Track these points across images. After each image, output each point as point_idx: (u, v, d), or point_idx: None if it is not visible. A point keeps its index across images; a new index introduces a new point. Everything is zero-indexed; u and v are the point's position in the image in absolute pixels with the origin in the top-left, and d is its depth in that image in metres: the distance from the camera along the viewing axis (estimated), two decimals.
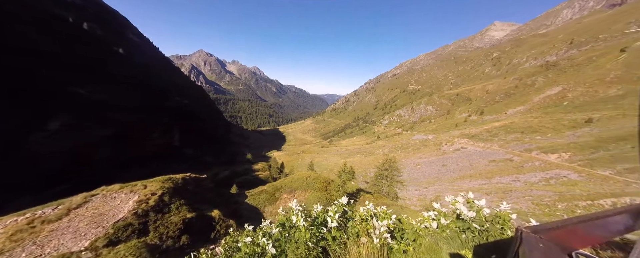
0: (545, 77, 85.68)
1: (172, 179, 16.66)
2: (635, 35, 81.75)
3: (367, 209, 2.63)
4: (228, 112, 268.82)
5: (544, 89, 76.75)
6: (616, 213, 1.16)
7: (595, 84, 63.30)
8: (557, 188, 28.20)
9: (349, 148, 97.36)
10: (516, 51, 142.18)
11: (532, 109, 69.13)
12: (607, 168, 29.90)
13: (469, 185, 35.83)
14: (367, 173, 51.70)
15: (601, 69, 68.47)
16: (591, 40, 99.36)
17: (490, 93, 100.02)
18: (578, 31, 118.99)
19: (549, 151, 40.00)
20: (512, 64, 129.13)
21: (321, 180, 25.85)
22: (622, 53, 71.28)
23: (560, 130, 47.82)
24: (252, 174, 47.85)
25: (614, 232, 1.20)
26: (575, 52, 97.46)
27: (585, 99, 59.87)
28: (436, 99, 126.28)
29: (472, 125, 72.52)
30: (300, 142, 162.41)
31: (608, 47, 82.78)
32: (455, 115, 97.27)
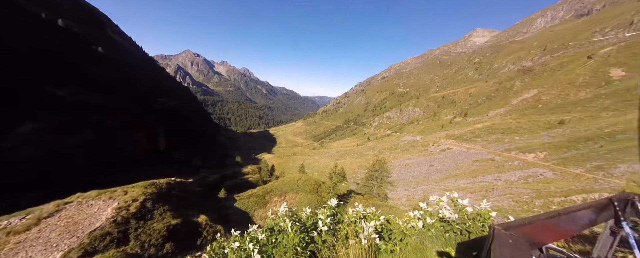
0: (522, 81, 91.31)
1: (156, 184, 15.90)
2: (600, 44, 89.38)
3: (356, 211, 2.65)
4: (216, 113, 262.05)
5: (521, 92, 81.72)
6: (581, 209, 1.29)
7: (566, 88, 68.33)
8: (534, 185, 29.97)
9: (340, 150, 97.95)
10: (496, 56, 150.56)
11: (511, 111, 73.31)
12: (578, 166, 32.22)
13: (454, 184, 37.17)
14: (358, 174, 52.21)
15: (571, 74, 74.08)
16: (562, 47, 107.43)
17: (473, 96, 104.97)
18: (550, 39, 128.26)
19: (526, 151, 42.49)
20: (493, 68, 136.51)
21: (312, 182, 25.76)
22: (589, 59, 77.62)
23: (536, 131, 51.00)
24: (241, 177, 46.76)
25: (580, 226, 1.34)
26: (548, 57, 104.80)
27: (558, 101, 64.42)
28: (423, 101, 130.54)
29: (457, 127, 75.59)
30: (291, 144, 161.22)
31: (577, 54, 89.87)
32: (441, 117, 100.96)
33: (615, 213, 1.39)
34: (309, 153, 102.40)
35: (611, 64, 67.76)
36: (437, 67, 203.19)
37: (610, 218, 1.40)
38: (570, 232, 1.35)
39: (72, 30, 60.84)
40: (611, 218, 1.39)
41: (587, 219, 1.35)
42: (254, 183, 41.39)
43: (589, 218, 1.34)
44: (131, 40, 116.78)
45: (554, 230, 1.21)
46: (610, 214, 1.39)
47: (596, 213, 1.30)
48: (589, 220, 1.33)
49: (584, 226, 1.31)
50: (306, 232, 2.73)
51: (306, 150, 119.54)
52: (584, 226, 1.35)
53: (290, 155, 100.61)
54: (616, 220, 1.40)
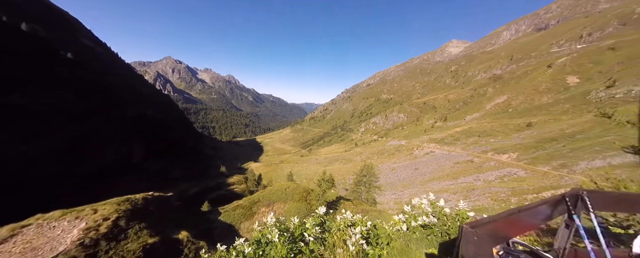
0: (493, 87, 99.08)
1: (130, 200, 14.72)
2: (557, 54, 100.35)
3: (343, 218, 2.69)
4: (199, 122, 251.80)
5: (493, 98, 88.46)
6: (538, 205, 1.47)
7: (531, 94, 75.21)
8: (509, 184, 32.01)
9: (328, 156, 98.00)
10: (470, 65, 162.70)
11: (485, 115, 78.80)
12: (545, 164, 35.08)
13: (438, 186, 38.57)
14: (347, 180, 52.36)
15: (535, 81, 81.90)
16: (526, 57, 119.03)
17: (451, 101, 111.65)
18: (515, 49, 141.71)
19: (500, 152, 45.57)
20: (467, 76, 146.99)
21: (301, 190, 25.37)
22: (549, 68, 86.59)
23: (508, 133, 55.08)
24: (226, 188, 44.76)
25: (539, 221, 1.52)
26: (514, 66, 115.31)
27: (525, 106, 70.54)
28: (407, 107, 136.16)
29: (438, 131, 79.42)
30: (278, 151, 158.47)
31: (538, 63, 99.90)
32: (423, 121, 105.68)
33: (568, 208, 1.56)
34: (297, 161, 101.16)
35: (567, 72, 76.09)
36: (418, 74, 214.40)
37: (564, 213, 1.61)
38: (530, 227, 1.43)
39: (37, 34, 56.30)
40: (565, 212, 1.61)
41: (544, 214, 1.47)
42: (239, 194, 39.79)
43: (546, 213, 1.48)
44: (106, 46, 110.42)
45: (516, 225, 1.32)
46: (564, 209, 1.59)
47: (552, 208, 1.51)
48: (546, 215, 1.49)
49: (543, 220, 1.50)
50: (294, 243, 2.70)
51: (294, 157, 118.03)
52: (542, 220, 1.50)
53: (278, 163, 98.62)
54: (569, 214, 1.58)
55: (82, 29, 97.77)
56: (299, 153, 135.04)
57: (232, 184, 47.90)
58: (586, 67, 73.49)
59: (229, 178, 52.61)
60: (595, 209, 1.71)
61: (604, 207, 1.97)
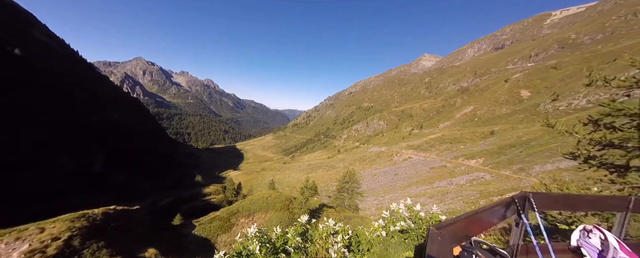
0: (462, 98, 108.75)
1: (87, 216, 12.99)
2: (512, 71, 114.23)
3: (326, 227, 2.72)
4: (173, 128, 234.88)
5: (461, 108, 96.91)
6: (494, 207, 1.69)
7: (493, 105, 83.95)
8: (478, 187, 34.74)
9: (311, 163, 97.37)
10: (441, 78, 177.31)
11: (455, 123, 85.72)
12: (507, 168, 38.90)
13: (416, 190, 40.38)
14: (330, 187, 52.29)
15: (495, 94, 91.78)
16: (487, 72, 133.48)
17: (426, 110, 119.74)
18: (478, 65, 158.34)
19: (469, 157, 49.57)
20: (439, 87, 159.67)
21: (283, 198, 24.70)
22: (506, 82, 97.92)
23: (475, 140, 60.33)
24: (202, 199, 41.76)
25: (495, 220, 1.75)
26: (478, 80, 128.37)
27: (488, 115, 78.34)
28: (386, 115, 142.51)
29: (415, 138, 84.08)
30: (260, 159, 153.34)
31: (497, 78, 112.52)
32: (402, 129, 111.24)
33: (517, 208, 1.81)
34: (280, 168, 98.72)
35: (521, 87, 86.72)
36: (396, 84, 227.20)
37: (515, 213, 1.87)
38: (488, 225, 1.63)
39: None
40: (515, 212, 1.86)
41: (499, 214, 1.70)
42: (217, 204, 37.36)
43: (500, 214, 1.71)
44: (63, 44, 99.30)
45: (475, 225, 1.49)
46: (515, 209, 1.85)
47: (505, 209, 1.75)
48: (501, 215, 1.72)
49: (498, 220, 1.73)
50: (276, 254, 2.65)
51: (276, 164, 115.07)
52: (498, 220, 1.72)
53: (259, 171, 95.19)
54: (518, 214, 1.83)
55: (34, 22, 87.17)
56: (282, 160, 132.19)
57: (209, 194, 44.87)
58: (535, 82, 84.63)
59: (205, 188, 49.21)
60: (539, 208, 2.00)
61: (547, 206, 2.31)
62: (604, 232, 2.17)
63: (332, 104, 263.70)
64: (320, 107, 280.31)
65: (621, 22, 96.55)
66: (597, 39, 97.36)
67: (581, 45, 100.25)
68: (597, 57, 74.00)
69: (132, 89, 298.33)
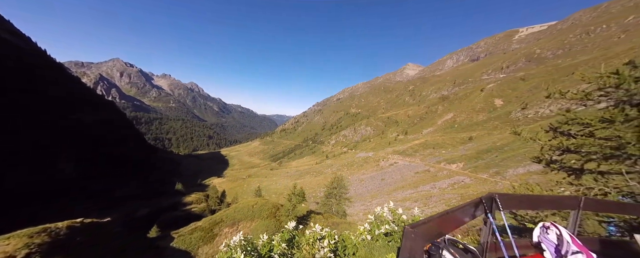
0: (443, 106, 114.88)
1: (49, 230, 11.72)
2: (487, 81, 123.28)
3: (313, 232, 2.77)
4: (152, 133, 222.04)
5: (443, 115, 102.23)
6: (464, 207, 1.87)
7: (471, 112, 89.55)
8: (459, 190, 36.41)
9: (299, 169, 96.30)
10: (424, 86, 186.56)
11: (438, 129, 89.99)
12: (484, 172, 41.29)
13: (402, 195, 41.33)
14: (318, 193, 51.86)
15: (472, 102, 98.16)
16: (465, 82, 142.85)
17: (411, 117, 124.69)
18: (457, 75, 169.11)
19: (450, 162, 52.02)
20: (422, 95, 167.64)
21: (270, 206, 24.08)
22: (482, 92, 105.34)
23: (455, 146, 63.60)
24: (182, 209, 39.42)
25: (465, 219, 1.93)
26: (457, 89, 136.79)
27: (467, 122, 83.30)
28: (373, 121, 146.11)
29: (401, 143, 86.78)
30: (246, 165, 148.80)
31: (474, 87, 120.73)
32: (388, 134, 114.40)
33: (484, 208, 2.01)
34: (267, 175, 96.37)
35: (494, 96, 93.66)
36: (382, 92, 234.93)
37: (483, 212, 2.07)
38: (459, 224, 1.80)
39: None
40: (484, 212, 2.07)
41: (469, 213, 1.88)
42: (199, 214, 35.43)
43: (470, 213, 1.89)
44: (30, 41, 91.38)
45: (447, 223, 1.64)
46: (483, 209, 2.06)
47: (474, 209, 1.94)
48: (471, 214, 1.90)
49: (469, 218, 1.91)
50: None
51: (263, 171, 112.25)
52: (468, 219, 1.90)
53: (245, 178, 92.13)
54: (485, 213, 2.03)
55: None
56: (269, 166, 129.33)
57: (190, 203, 42.50)
58: (507, 92, 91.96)
59: (186, 197, 46.52)
60: (504, 208, 2.23)
61: (511, 206, 2.57)
62: (559, 228, 2.45)
63: (321, 109, 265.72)
64: (309, 113, 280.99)
65: (577, 39, 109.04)
66: (557, 54, 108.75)
67: (545, 59, 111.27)
68: (559, 71, 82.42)
69: (107, 91, 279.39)
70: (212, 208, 40.15)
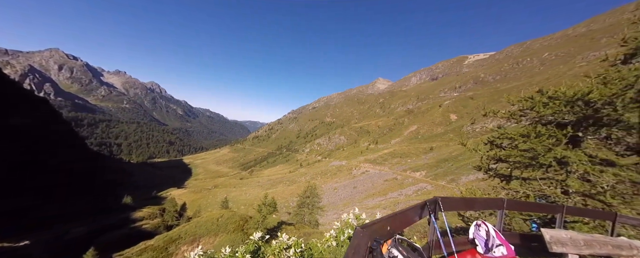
0: (408, 118, 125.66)
1: None
2: (444, 98, 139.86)
3: (279, 242, 2.79)
4: (97, 137, 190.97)
5: (408, 127, 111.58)
6: (411, 209, 2.17)
7: (432, 125, 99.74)
8: (422, 197, 39.53)
9: (272, 178, 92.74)
10: (392, 99, 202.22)
11: (404, 140, 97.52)
12: (443, 179, 45.82)
13: (372, 202, 42.92)
14: (290, 203, 50.41)
15: (432, 116, 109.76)
16: (427, 98, 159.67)
17: (381, 128, 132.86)
18: (420, 92, 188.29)
19: (415, 170, 56.46)
20: (391, 108, 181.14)
21: (237, 218, 22.53)
22: (440, 107, 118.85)
23: (418, 155, 69.52)
24: (130, 226, 34.05)
25: (412, 220, 2.22)
26: (420, 104, 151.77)
27: (428, 134, 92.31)
28: (347, 130, 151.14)
29: (372, 152, 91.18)
30: (212, 174, 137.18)
31: (434, 103, 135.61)
32: (360, 144, 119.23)
33: (428, 210, 2.37)
34: (236, 184, 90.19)
35: (450, 111, 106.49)
36: (355, 103, 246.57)
37: (428, 214, 2.43)
38: (407, 223, 2.08)
39: None
40: (428, 214, 2.42)
41: (415, 215, 2.18)
42: (151, 231, 31.03)
43: (416, 214, 2.20)
44: None
45: (396, 223, 1.85)
46: (427, 211, 2.42)
47: (420, 210, 2.26)
48: (418, 215, 2.21)
49: (417, 219, 2.22)
50: None
51: (232, 180, 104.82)
52: (416, 219, 2.21)
53: (210, 189, 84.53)
54: (430, 215, 2.39)
55: None
56: (239, 175, 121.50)
57: (141, 219, 37.00)
58: (459, 108, 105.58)
59: (136, 212, 40.32)
60: (446, 210, 2.65)
61: (452, 207, 3.03)
62: (487, 225, 2.98)
63: (296, 117, 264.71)
64: (284, 120, 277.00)
65: (510, 68, 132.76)
66: (496, 78, 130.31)
67: (488, 82, 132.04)
68: (498, 92, 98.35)
69: (38, 86, 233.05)
70: (169, 223, 35.64)
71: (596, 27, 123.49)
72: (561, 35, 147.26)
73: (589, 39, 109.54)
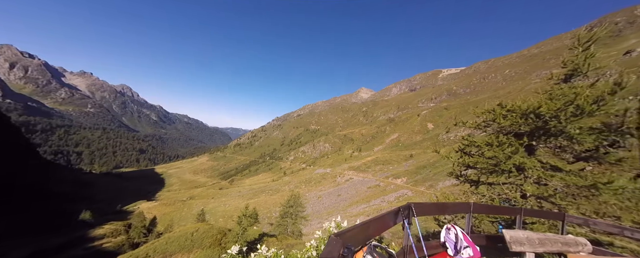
0: (390, 127, 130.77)
1: None
2: (422, 108, 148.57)
3: (257, 254, 2.70)
4: (53, 145, 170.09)
5: (390, 135, 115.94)
6: (385, 215, 2.26)
7: (411, 133, 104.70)
8: (403, 203, 40.61)
9: (254, 187, 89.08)
10: (374, 108, 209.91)
11: (386, 147, 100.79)
12: (422, 185, 47.75)
13: (356, 210, 43.05)
14: (273, 213, 48.59)
15: (412, 125, 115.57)
16: (407, 107, 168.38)
17: (364, 135, 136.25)
18: (400, 101, 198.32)
19: (396, 177, 58.23)
20: (373, 116, 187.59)
21: (214, 232, 21.12)
22: (418, 116, 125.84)
23: (400, 162, 72.07)
24: (87, 246, 30.09)
25: (386, 226, 2.31)
26: (401, 113, 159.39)
27: (408, 142, 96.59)
28: (331, 138, 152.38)
29: (355, 160, 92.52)
30: (189, 185, 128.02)
31: (413, 113, 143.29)
32: (344, 151, 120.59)
33: (402, 216, 2.50)
34: (215, 195, 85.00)
35: (427, 120, 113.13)
36: (340, 111, 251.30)
37: (402, 220, 2.56)
38: (382, 229, 2.16)
39: None
40: (402, 219, 2.55)
41: (390, 221, 2.29)
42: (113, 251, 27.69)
43: (391, 220, 2.31)
44: None
45: (371, 229, 1.90)
46: (401, 216, 2.54)
47: (394, 216, 2.38)
48: (392, 221, 2.32)
49: (389, 226, 2.32)
50: None
51: (210, 191, 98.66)
52: (389, 226, 2.31)
53: (185, 200, 78.51)
54: (403, 220, 2.52)
55: None
56: (218, 185, 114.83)
57: (102, 237, 32.93)
58: (435, 118, 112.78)
59: (95, 230, 35.76)
60: (419, 215, 2.80)
61: (425, 212, 3.21)
62: (456, 229, 3.19)
63: (280, 124, 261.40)
64: (268, 127, 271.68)
65: (478, 82, 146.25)
66: (467, 91, 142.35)
67: (459, 95, 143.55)
68: (468, 104, 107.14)
69: None
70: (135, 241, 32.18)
71: (545, 49, 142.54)
72: (518, 55, 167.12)
73: (540, 59, 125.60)
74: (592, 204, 6.29)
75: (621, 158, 5.73)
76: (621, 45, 79.67)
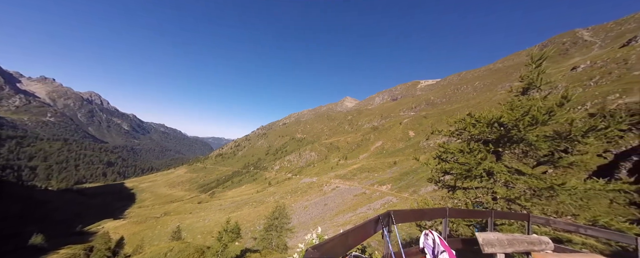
0: (374, 134, 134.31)
1: None
2: (403, 116, 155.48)
3: None
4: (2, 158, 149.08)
5: (374, 142, 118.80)
6: (365, 224, 2.27)
7: (395, 141, 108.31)
8: None
9: (236, 200, 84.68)
10: (359, 117, 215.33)
11: (371, 155, 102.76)
12: (406, 191, 48.93)
13: (343, 219, 42.58)
14: (257, 226, 46.25)
15: (395, 132, 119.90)
16: (390, 116, 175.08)
17: (350, 143, 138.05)
18: (383, 110, 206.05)
19: (381, 184, 59.18)
20: (358, 124, 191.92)
21: (191, 251, 19.51)
22: (400, 125, 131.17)
23: (384, 169, 73.64)
24: None
25: (367, 235, 2.33)
26: (384, 121, 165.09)
27: (392, 149, 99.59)
28: (317, 146, 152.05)
29: (341, 168, 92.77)
30: (163, 199, 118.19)
31: (395, 121, 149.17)
32: (330, 159, 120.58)
33: (382, 225, 2.55)
34: (193, 210, 79.16)
35: (409, 128, 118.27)
36: (325, 119, 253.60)
37: (381, 228, 2.61)
38: (362, 238, 2.17)
39: None
40: (381, 227, 2.60)
41: (370, 229, 2.31)
42: None
43: (371, 229, 2.33)
44: None
45: (349, 240, 1.86)
46: (381, 225, 2.60)
47: (374, 225, 2.42)
48: (372, 230, 2.35)
49: (370, 234, 2.35)
50: None
51: (188, 205, 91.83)
52: (369, 234, 2.34)
53: (158, 217, 72.01)
54: (383, 228, 2.57)
55: None
56: (197, 198, 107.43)
57: None
58: (416, 126, 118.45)
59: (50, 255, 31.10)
60: (398, 222, 2.87)
61: (404, 219, 3.30)
62: (434, 234, 3.30)
63: (265, 133, 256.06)
64: (252, 136, 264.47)
65: (453, 93, 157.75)
66: (443, 101, 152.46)
67: (437, 104, 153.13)
68: (445, 112, 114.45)
69: None
70: None
71: (508, 64, 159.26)
72: (486, 68, 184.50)
73: (504, 73, 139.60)
74: (552, 205, 6.92)
75: (572, 162, 6.45)
76: (568, 62, 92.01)
